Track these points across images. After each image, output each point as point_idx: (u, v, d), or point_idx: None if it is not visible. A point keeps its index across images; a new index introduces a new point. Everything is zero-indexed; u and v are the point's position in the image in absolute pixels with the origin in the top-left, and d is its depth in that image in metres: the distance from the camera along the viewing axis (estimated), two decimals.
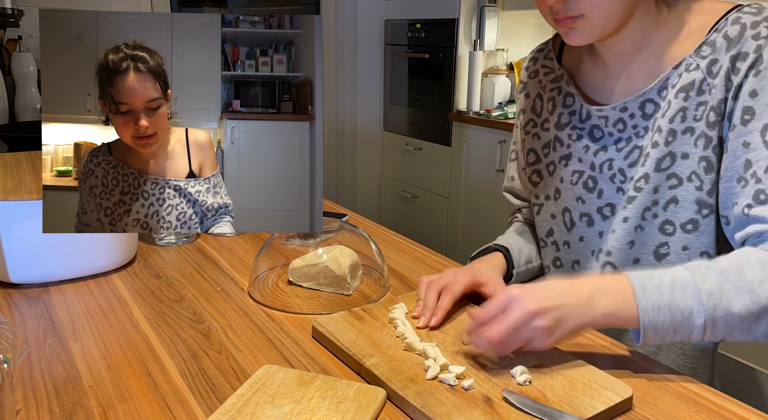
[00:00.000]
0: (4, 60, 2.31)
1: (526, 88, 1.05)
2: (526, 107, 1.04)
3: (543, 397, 0.66)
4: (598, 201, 0.93)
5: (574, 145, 0.95)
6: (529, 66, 1.06)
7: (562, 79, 0.98)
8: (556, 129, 0.98)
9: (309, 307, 0.91)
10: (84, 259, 0.99)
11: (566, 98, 0.97)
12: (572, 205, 0.96)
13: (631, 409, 0.67)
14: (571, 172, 0.96)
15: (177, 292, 0.96)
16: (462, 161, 2.99)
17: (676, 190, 0.84)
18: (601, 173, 0.92)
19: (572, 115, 0.96)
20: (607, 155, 0.91)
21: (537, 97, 1.02)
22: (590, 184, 0.94)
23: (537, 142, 1.01)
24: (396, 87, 3.44)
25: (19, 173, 1.07)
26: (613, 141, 0.91)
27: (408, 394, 0.66)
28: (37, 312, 0.89)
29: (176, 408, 0.67)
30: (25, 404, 0.67)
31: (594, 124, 0.93)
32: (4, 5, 2.09)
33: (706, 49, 0.81)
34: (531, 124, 1.03)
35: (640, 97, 0.86)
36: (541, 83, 1.02)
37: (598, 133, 0.92)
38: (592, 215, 0.94)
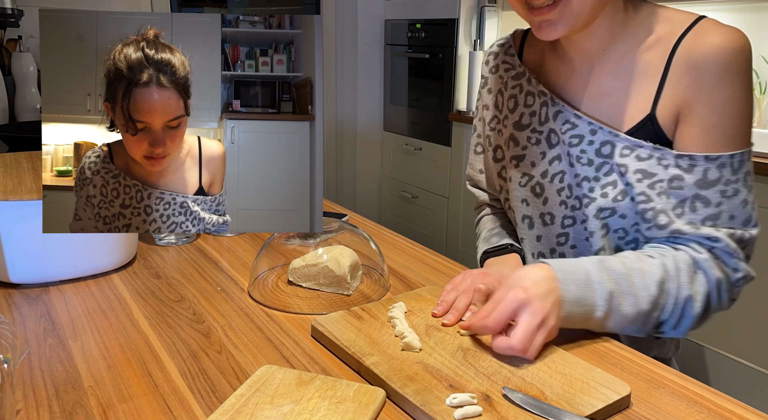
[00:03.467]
0: (4, 60, 2.31)
1: (488, 83, 1.05)
2: (489, 103, 1.04)
3: (542, 395, 0.66)
4: (543, 207, 0.95)
5: (531, 148, 0.96)
6: (489, 60, 1.06)
7: (524, 76, 0.98)
8: (514, 128, 0.98)
9: (309, 307, 0.91)
10: (84, 259, 0.99)
11: (527, 97, 0.97)
12: (516, 206, 0.99)
13: (629, 406, 0.67)
14: (521, 174, 0.97)
15: (177, 292, 0.96)
16: (462, 161, 2.99)
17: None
18: (551, 183, 0.93)
19: (532, 116, 0.96)
20: (560, 166, 0.92)
21: (498, 93, 1.02)
22: (537, 189, 0.95)
23: (501, 139, 1.02)
24: (396, 87, 3.44)
25: (19, 173, 1.07)
26: (566, 152, 0.91)
27: (407, 392, 0.66)
28: (37, 312, 0.89)
29: (176, 408, 0.67)
30: (25, 404, 0.67)
31: (551, 128, 0.93)
32: (4, 5, 2.09)
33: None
34: (495, 120, 1.03)
35: (608, 134, 0.87)
36: (501, 79, 1.02)
37: (555, 139, 0.93)
38: (534, 219, 0.97)
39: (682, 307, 0.82)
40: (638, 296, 0.79)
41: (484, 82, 1.06)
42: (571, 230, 0.93)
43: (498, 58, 1.03)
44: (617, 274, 0.80)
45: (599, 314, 0.78)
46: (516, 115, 0.98)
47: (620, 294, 0.79)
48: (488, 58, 1.06)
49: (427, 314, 0.84)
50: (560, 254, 0.96)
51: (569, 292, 0.76)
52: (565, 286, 0.77)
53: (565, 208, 0.92)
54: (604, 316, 0.78)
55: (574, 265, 0.80)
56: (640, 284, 0.80)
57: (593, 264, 0.80)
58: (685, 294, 0.81)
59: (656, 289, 0.80)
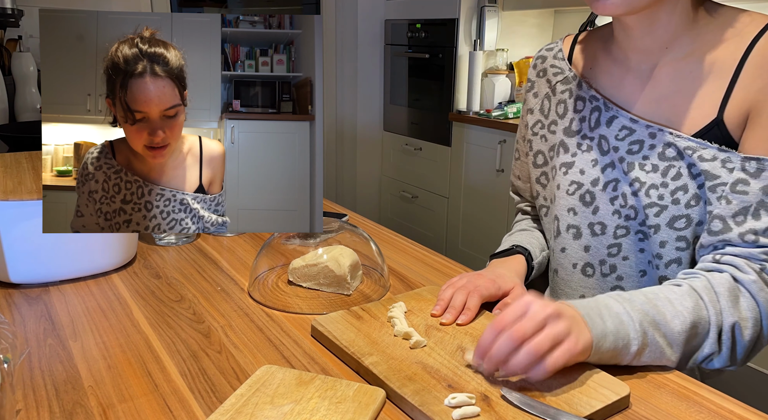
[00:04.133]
0: (4, 60, 2.31)
1: (534, 87, 1.02)
2: (534, 107, 1.02)
3: (541, 396, 0.66)
4: (592, 216, 0.91)
5: (581, 155, 0.92)
6: (537, 64, 1.03)
7: (574, 81, 0.95)
8: (564, 134, 0.95)
9: (309, 307, 0.91)
10: (84, 259, 0.99)
11: (577, 102, 0.94)
12: (562, 215, 0.95)
13: (629, 407, 0.67)
14: (569, 182, 0.93)
15: (177, 292, 0.96)
16: (462, 161, 2.99)
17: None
18: (603, 192, 0.90)
19: (582, 122, 0.93)
20: (614, 174, 0.88)
21: (545, 97, 1.00)
22: (587, 198, 0.91)
23: (544, 144, 0.99)
24: (396, 87, 3.44)
25: (19, 173, 1.07)
26: (618, 158, 0.88)
27: (406, 392, 0.66)
28: (37, 312, 0.89)
29: (176, 408, 0.67)
30: (25, 404, 0.67)
31: (602, 135, 0.90)
32: (4, 5, 2.09)
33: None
34: (539, 125, 1.00)
35: (668, 136, 0.83)
36: (549, 83, 0.99)
37: (605, 146, 0.89)
38: (582, 229, 0.93)
39: (729, 334, 0.74)
40: (670, 325, 0.73)
41: (531, 85, 1.03)
42: (624, 241, 0.89)
43: (546, 61, 1.01)
44: (641, 304, 0.73)
45: (634, 347, 0.71)
46: (566, 120, 0.95)
47: (651, 324, 0.72)
48: (536, 61, 1.03)
49: (426, 314, 0.84)
50: (611, 266, 0.91)
51: (596, 327, 0.70)
52: (589, 320, 0.70)
53: (618, 218, 0.88)
54: (640, 348, 0.71)
55: (591, 302, 0.74)
56: (671, 313, 0.73)
57: (612, 297, 0.74)
58: (730, 320, 0.74)
59: (691, 316, 0.73)
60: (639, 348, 0.71)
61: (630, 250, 0.89)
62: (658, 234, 0.85)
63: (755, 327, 0.75)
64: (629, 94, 0.89)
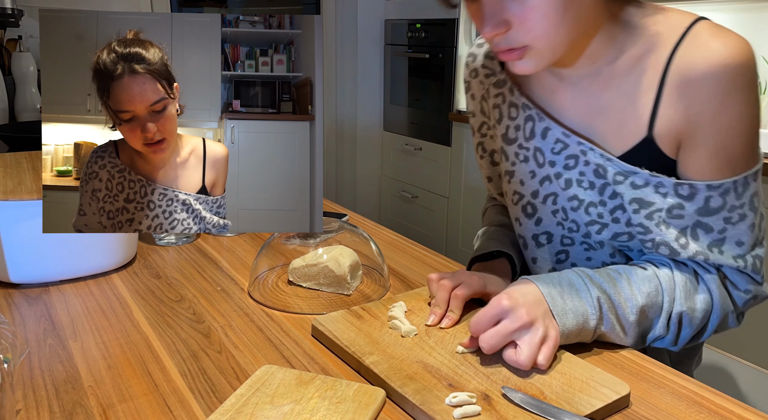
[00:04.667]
0: (4, 60, 2.31)
1: (471, 88, 0.97)
2: (475, 110, 0.98)
3: (541, 394, 0.66)
4: (536, 228, 0.90)
5: (519, 165, 0.89)
6: (468, 62, 0.97)
7: (505, 85, 0.89)
8: (503, 141, 0.91)
9: (309, 307, 0.91)
10: (84, 259, 0.99)
11: (510, 109, 0.88)
12: (513, 222, 0.95)
13: (629, 406, 0.67)
14: (512, 191, 0.92)
15: (177, 292, 0.96)
16: (462, 161, 2.99)
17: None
18: (544, 204, 0.88)
19: (517, 131, 0.88)
20: (551, 188, 0.86)
21: (482, 99, 0.95)
22: (529, 209, 0.90)
23: (494, 144, 0.96)
24: (396, 87, 3.44)
25: (19, 173, 1.07)
26: (554, 174, 0.85)
27: (407, 391, 0.66)
28: (37, 312, 0.89)
29: (176, 408, 0.67)
30: (25, 404, 0.67)
31: (537, 147, 0.86)
32: (4, 5, 2.09)
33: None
34: (485, 126, 0.97)
35: (599, 157, 0.80)
36: (482, 85, 0.93)
37: (541, 158, 0.86)
38: (527, 240, 0.93)
39: (676, 321, 0.78)
40: (624, 307, 0.76)
41: (467, 86, 0.98)
42: (571, 249, 0.89)
43: (476, 60, 0.95)
44: (602, 282, 0.77)
45: (592, 322, 0.75)
46: (502, 127, 0.90)
47: (607, 302, 0.76)
48: (467, 60, 0.97)
49: (426, 314, 0.84)
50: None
51: (556, 305, 0.74)
52: (550, 299, 0.74)
53: (562, 229, 0.88)
54: (597, 323, 0.75)
55: (556, 277, 0.77)
56: (626, 294, 0.77)
57: (576, 274, 0.77)
58: (678, 309, 0.78)
59: (643, 300, 0.77)
60: (596, 323, 0.75)
61: (577, 258, 0.90)
62: (603, 248, 0.86)
63: (703, 320, 0.80)
64: (562, 104, 0.85)
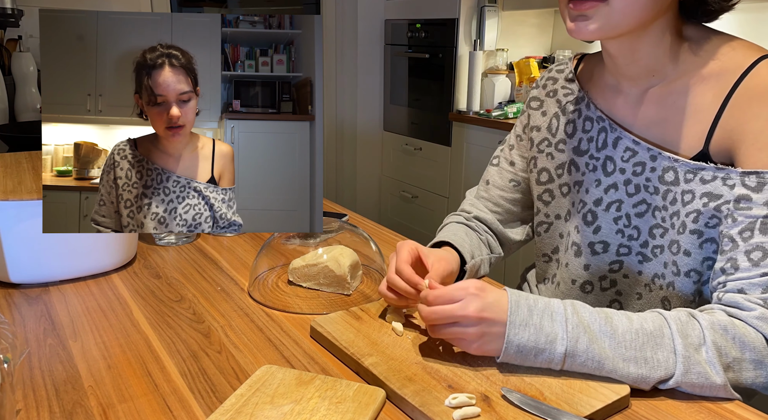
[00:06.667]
0: (4, 60, 2.31)
1: (543, 106, 1.02)
2: (542, 125, 1.01)
3: (541, 395, 0.66)
4: (593, 236, 0.93)
5: (588, 175, 0.94)
6: (547, 84, 1.03)
7: (582, 101, 0.96)
8: (574, 153, 0.96)
9: (309, 307, 0.91)
10: (84, 259, 0.99)
11: (585, 122, 0.95)
12: (570, 231, 0.97)
13: (629, 407, 0.67)
14: (579, 200, 0.95)
15: (177, 292, 0.96)
16: (462, 161, 2.99)
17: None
18: (606, 212, 0.91)
19: (590, 142, 0.94)
20: (617, 195, 0.90)
21: (554, 116, 1.00)
22: (589, 218, 0.93)
23: (551, 162, 0.99)
24: (396, 87, 3.44)
25: (19, 173, 1.07)
26: (624, 181, 0.89)
27: (406, 393, 0.66)
28: (37, 312, 0.89)
29: (176, 408, 0.67)
30: (25, 404, 0.67)
31: (608, 156, 0.91)
32: (4, 5, 2.09)
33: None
34: (546, 143, 1.00)
35: (668, 160, 0.83)
36: (560, 103, 1.00)
37: (611, 167, 0.91)
38: (582, 248, 0.94)
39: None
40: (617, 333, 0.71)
41: (539, 104, 1.03)
42: (626, 259, 0.91)
43: (557, 83, 1.02)
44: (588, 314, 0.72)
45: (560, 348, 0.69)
46: (575, 140, 0.96)
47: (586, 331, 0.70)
48: (545, 82, 1.03)
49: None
50: (611, 281, 0.93)
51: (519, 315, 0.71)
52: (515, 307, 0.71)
53: (621, 236, 0.90)
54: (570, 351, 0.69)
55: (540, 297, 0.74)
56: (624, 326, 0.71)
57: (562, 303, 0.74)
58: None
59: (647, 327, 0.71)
60: (568, 350, 0.69)
61: (630, 269, 0.91)
62: (660, 256, 0.86)
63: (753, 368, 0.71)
64: (623, 118, 0.91)
